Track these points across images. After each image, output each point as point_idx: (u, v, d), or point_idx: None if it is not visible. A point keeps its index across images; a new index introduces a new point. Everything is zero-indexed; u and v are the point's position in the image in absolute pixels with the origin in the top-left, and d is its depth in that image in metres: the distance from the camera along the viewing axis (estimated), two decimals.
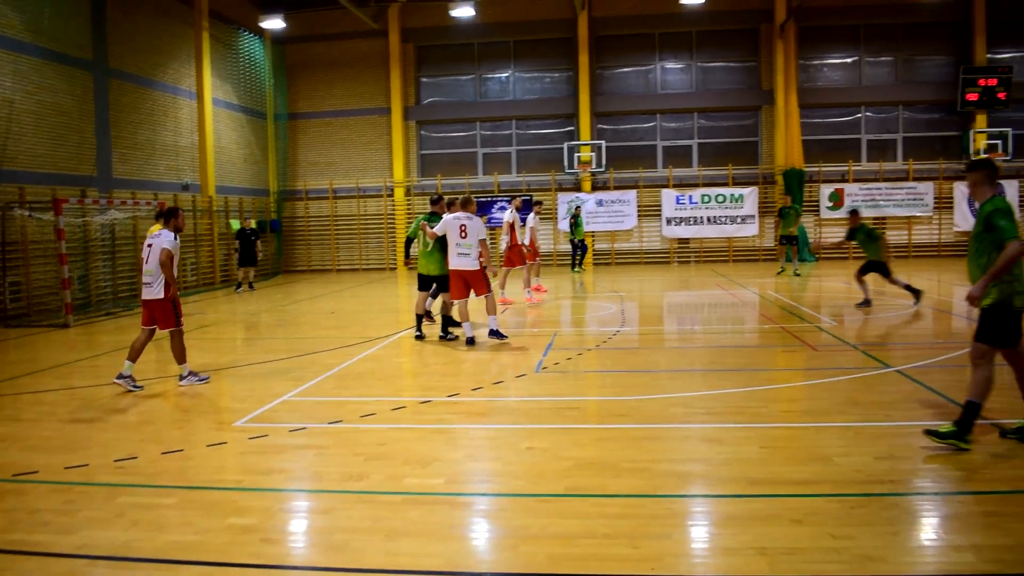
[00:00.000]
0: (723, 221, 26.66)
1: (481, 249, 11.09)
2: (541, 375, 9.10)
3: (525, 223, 17.11)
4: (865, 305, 13.57)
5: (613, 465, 5.74)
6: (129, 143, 19.99)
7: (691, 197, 26.65)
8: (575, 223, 24.32)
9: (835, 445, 6.02)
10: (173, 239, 8.89)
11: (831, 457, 5.72)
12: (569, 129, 27.69)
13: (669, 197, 26.73)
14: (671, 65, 27.53)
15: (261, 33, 27.21)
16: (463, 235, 11.02)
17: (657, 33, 27.22)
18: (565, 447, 6.21)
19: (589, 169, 26.48)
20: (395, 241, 28.13)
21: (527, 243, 16.71)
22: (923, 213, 26.17)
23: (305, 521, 5.03)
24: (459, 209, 11.32)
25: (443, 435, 6.76)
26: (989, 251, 5.74)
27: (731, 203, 26.55)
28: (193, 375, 9.09)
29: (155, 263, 8.84)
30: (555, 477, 5.52)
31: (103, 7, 19.04)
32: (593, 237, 26.93)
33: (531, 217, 17.57)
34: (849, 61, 26.89)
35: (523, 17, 27.28)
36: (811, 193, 26.29)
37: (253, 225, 22.02)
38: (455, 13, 24.84)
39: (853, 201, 25.99)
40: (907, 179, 26.22)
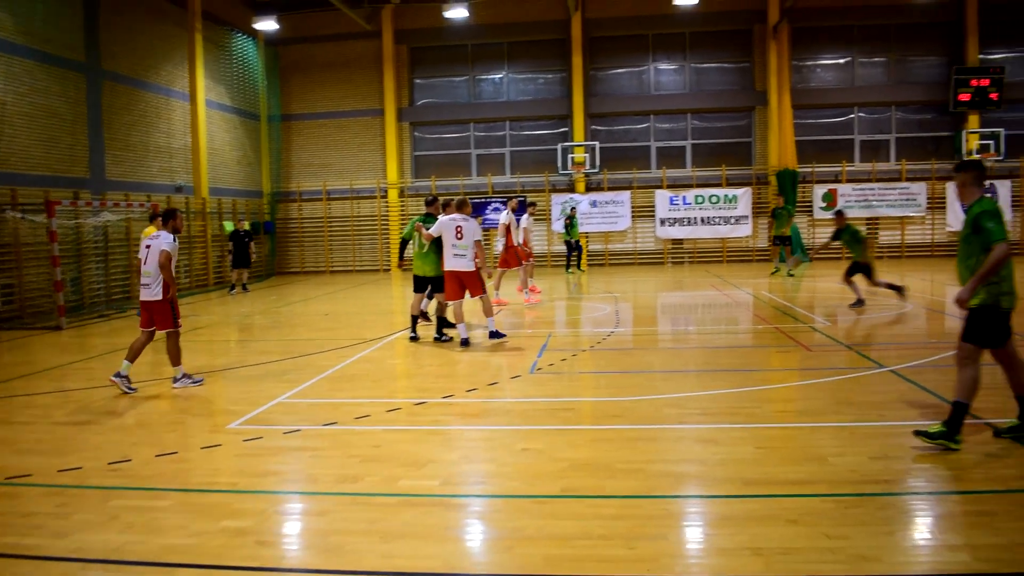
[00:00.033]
0: (717, 222, 26.70)
1: (476, 250, 11.10)
2: (536, 376, 9.10)
3: (519, 224, 17.08)
4: (858, 305, 13.60)
5: (608, 466, 5.74)
6: (122, 145, 19.94)
7: (685, 198, 26.69)
8: (570, 224, 24.32)
9: (830, 445, 6.04)
10: (172, 240, 8.90)
11: (826, 457, 5.74)
12: (563, 130, 27.70)
13: (663, 198, 26.77)
14: (664, 66, 27.56)
15: (254, 34, 27.15)
16: (459, 236, 11.02)
17: (650, 34, 27.25)
18: (560, 448, 6.21)
19: (583, 170, 26.49)
20: (389, 242, 28.10)
21: (522, 244, 16.69)
22: (916, 213, 26.25)
23: (300, 523, 5.02)
24: (454, 211, 11.33)
25: (438, 437, 6.76)
26: (977, 253, 5.76)
27: (725, 204, 26.59)
28: (187, 377, 9.06)
29: (154, 264, 8.83)
30: (550, 478, 5.52)
31: (96, 9, 18.98)
32: (587, 238, 26.95)
33: (525, 218, 17.55)
34: (842, 62, 26.96)
35: (517, 18, 27.28)
36: (804, 194, 26.35)
37: (247, 227, 21.96)
38: (448, 14, 24.84)
39: (846, 201, 26.06)
40: (900, 179, 26.30)
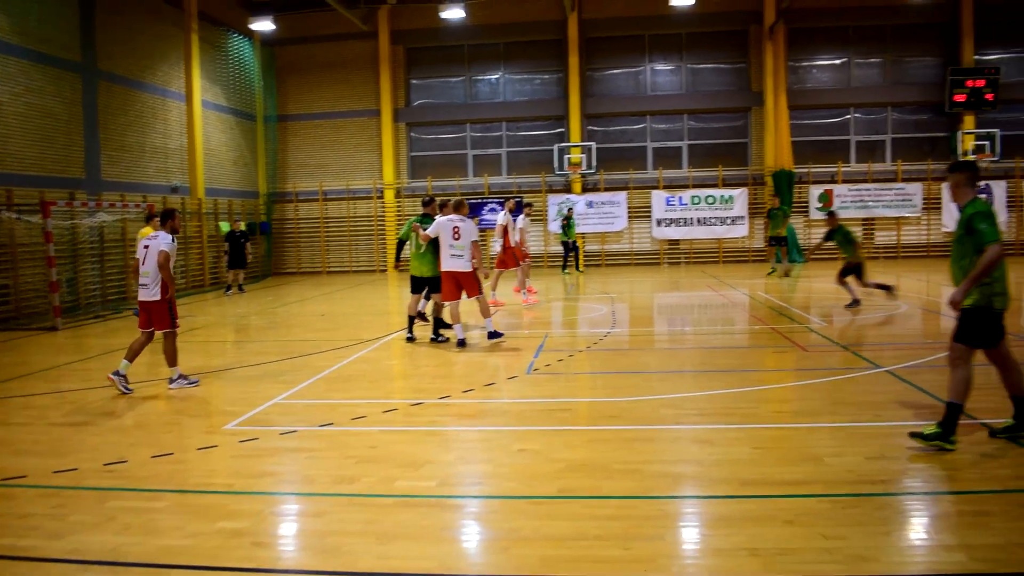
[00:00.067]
0: (713, 222, 26.73)
1: (473, 251, 11.11)
2: (532, 377, 9.10)
3: (516, 225, 17.06)
4: (854, 305, 13.63)
5: (605, 467, 5.74)
6: (118, 145, 19.90)
7: (681, 198, 26.71)
8: (568, 224, 24.32)
9: (826, 445, 6.04)
10: (171, 241, 8.91)
11: (822, 457, 5.74)
12: (559, 131, 27.70)
13: (659, 198, 26.79)
14: (661, 67, 27.57)
15: (251, 35, 27.12)
16: (456, 237, 11.03)
17: (647, 35, 27.27)
18: (557, 449, 6.21)
19: (579, 171, 26.49)
20: (385, 243, 28.09)
21: (518, 244, 16.68)
22: (912, 214, 26.30)
23: (297, 524, 5.01)
24: (452, 211, 11.33)
25: (435, 437, 6.75)
26: (971, 254, 5.77)
27: (721, 204, 26.62)
28: (183, 378, 9.05)
29: (153, 265, 8.83)
30: (547, 479, 5.52)
31: (92, 9, 18.95)
32: (583, 239, 26.95)
33: (520, 219, 17.53)
34: (838, 63, 27.00)
35: (513, 19, 27.27)
36: (800, 194, 26.38)
37: (243, 227, 21.94)
38: (445, 15, 24.84)
39: (842, 202, 26.11)
40: (896, 180, 26.35)
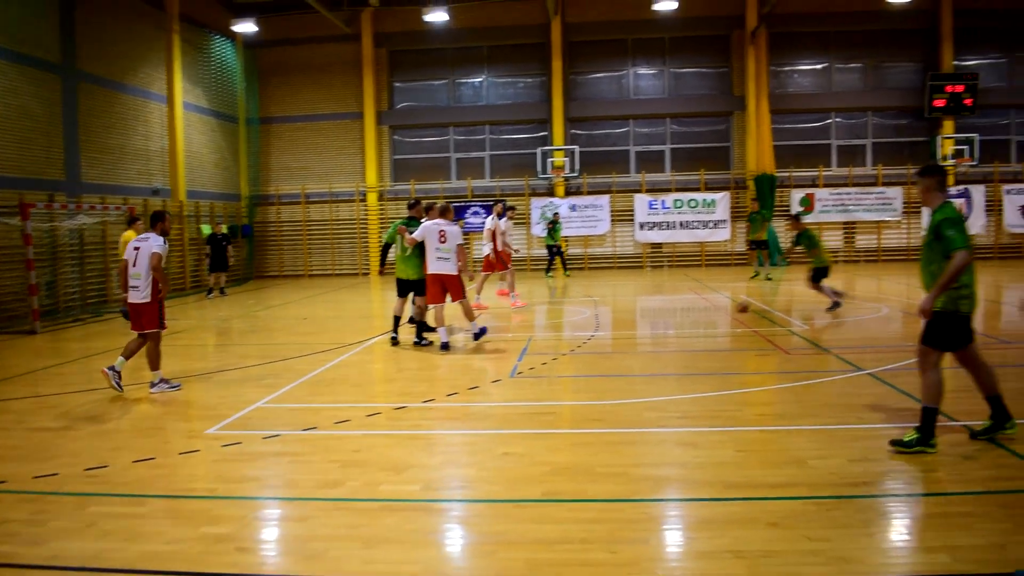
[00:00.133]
0: (695, 226, 26.83)
1: (459, 254, 11.13)
2: (516, 380, 9.10)
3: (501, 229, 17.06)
4: (834, 308, 13.71)
5: (589, 470, 5.74)
6: (98, 147, 19.73)
7: (664, 202, 26.80)
8: (553, 228, 24.35)
9: (809, 448, 6.08)
10: (162, 243, 8.95)
11: (806, 460, 5.77)
12: (542, 134, 27.74)
13: (642, 202, 26.87)
14: (644, 71, 27.68)
15: (233, 37, 26.98)
16: (442, 240, 11.07)
17: (630, 39, 27.36)
18: (541, 452, 6.21)
19: (562, 174, 26.50)
20: (368, 246, 28.01)
21: (501, 248, 16.68)
22: (892, 218, 26.52)
23: (280, 529, 4.98)
24: (437, 216, 11.36)
25: (419, 441, 6.73)
26: (939, 259, 5.82)
27: (703, 208, 26.73)
28: (164, 382, 8.99)
29: (144, 266, 8.82)
30: (532, 482, 5.51)
31: (72, 10, 18.78)
32: (567, 242, 26.97)
33: (503, 222, 17.52)
34: (819, 68, 27.20)
35: (496, 22, 27.29)
36: (782, 198, 26.53)
37: (224, 230, 21.83)
38: (428, 18, 24.81)
39: (823, 206, 26.33)
40: (876, 184, 26.57)
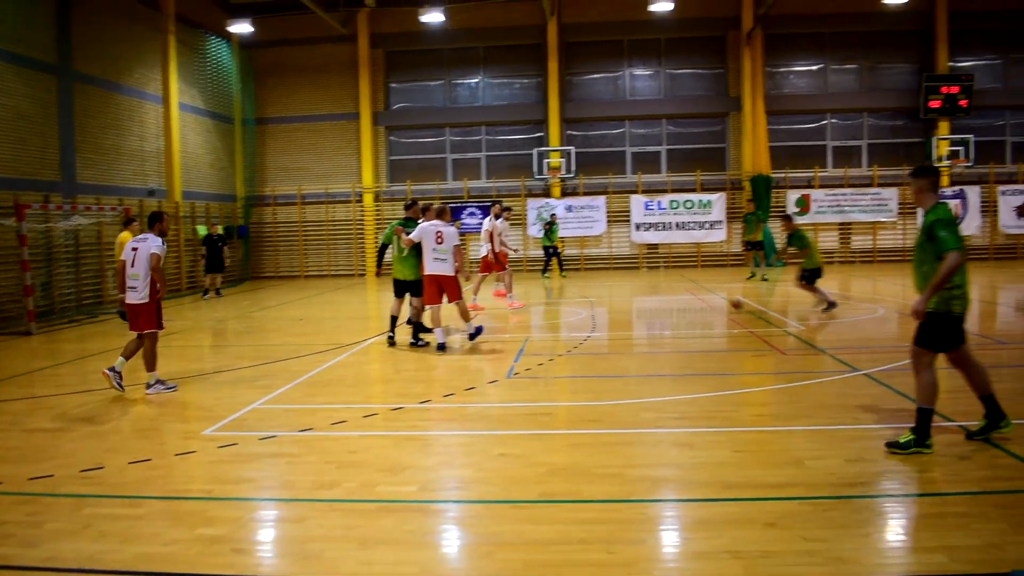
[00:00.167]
0: (691, 227, 26.85)
1: (456, 255, 11.13)
2: (513, 381, 9.09)
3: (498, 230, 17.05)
4: (831, 308, 13.72)
5: (587, 470, 5.74)
6: (94, 148, 19.69)
7: (660, 203, 26.82)
8: (550, 229, 24.36)
9: (806, 448, 6.08)
10: (161, 243, 8.98)
11: (802, 460, 5.77)
12: (538, 135, 27.74)
13: (638, 203, 26.89)
14: (640, 72, 27.70)
15: (228, 37, 26.94)
16: (439, 241, 11.08)
17: (626, 40, 27.38)
18: (538, 453, 6.20)
19: (558, 175, 26.52)
20: (364, 247, 27.99)
21: (499, 249, 16.66)
22: (888, 219, 26.58)
23: (277, 530, 4.97)
24: (434, 217, 11.36)
25: (415, 442, 6.73)
26: (931, 260, 5.82)
27: (699, 209, 26.75)
28: (160, 383, 8.97)
29: (143, 267, 8.83)
30: (529, 483, 5.50)
31: (68, 10, 18.74)
32: (563, 243, 26.96)
33: (499, 222, 17.50)
34: (815, 69, 27.25)
35: (493, 23, 27.29)
36: (778, 199, 26.56)
37: (220, 231, 21.79)
38: (425, 19, 24.82)
39: (819, 207, 26.38)
40: (872, 185, 26.63)
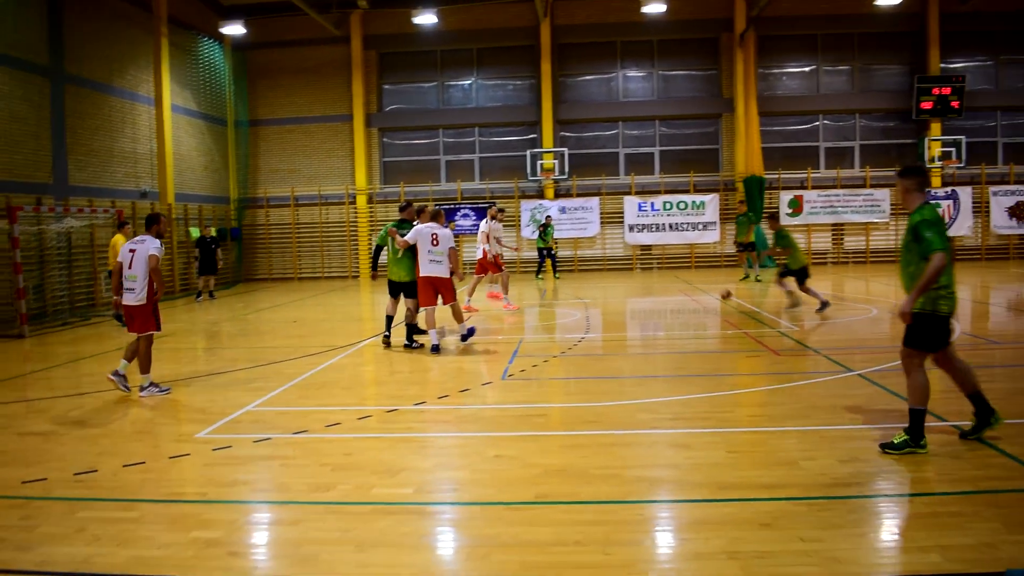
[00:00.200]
0: (685, 228, 26.89)
1: (451, 257, 11.15)
2: (507, 382, 9.09)
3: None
4: (824, 308, 13.75)
5: (582, 472, 5.74)
6: (86, 150, 19.63)
7: (653, 204, 26.86)
8: (545, 230, 24.36)
9: (800, 449, 6.09)
10: (159, 245, 8.99)
11: (797, 461, 5.78)
12: (532, 136, 27.75)
13: (631, 204, 26.92)
14: (633, 73, 27.73)
15: (221, 39, 26.89)
16: (435, 243, 11.08)
17: (619, 41, 27.42)
18: (534, 454, 6.20)
19: (552, 176, 26.52)
20: (357, 249, 27.95)
21: (495, 251, 16.64)
22: (880, 219, 26.66)
23: (272, 533, 4.95)
24: (429, 220, 11.37)
25: (410, 444, 6.72)
26: (917, 261, 5.82)
27: (693, 210, 26.79)
28: (154, 386, 8.94)
29: (141, 269, 8.83)
30: (525, 485, 5.50)
31: (59, 12, 18.67)
32: (557, 244, 26.96)
33: (495, 225, 17.48)
34: (807, 70, 27.32)
35: (486, 25, 27.29)
36: (771, 200, 26.62)
37: (213, 233, 21.75)
38: (418, 20, 24.83)
39: (812, 208, 26.45)
40: (864, 186, 26.70)
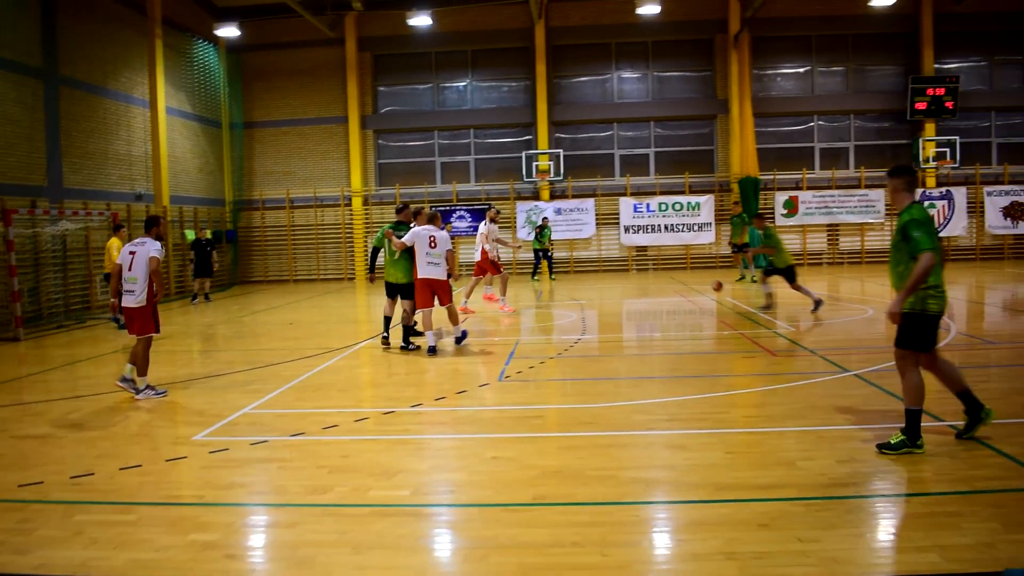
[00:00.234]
0: (680, 229, 26.92)
1: (448, 259, 11.17)
2: (504, 384, 9.08)
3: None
4: (818, 307, 13.76)
5: (579, 473, 5.74)
6: (81, 152, 19.58)
7: (648, 205, 26.88)
8: (541, 232, 24.35)
9: (797, 449, 6.10)
10: (159, 247, 8.99)
11: (794, 461, 5.79)
12: (527, 138, 27.76)
13: (627, 205, 26.95)
14: (628, 74, 27.76)
15: (216, 41, 26.86)
16: (432, 245, 11.11)
17: (613, 43, 27.45)
18: (531, 456, 6.20)
19: (547, 178, 26.55)
20: (353, 251, 27.94)
21: (494, 253, 16.59)
22: (875, 220, 26.72)
23: (269, 536, 4.94)
24: (425, 222, 11.39)
25: (408, 446, 6.72)
26: (906, 260, 5.83)
27: (688, 211, 26.82)
28: (151, 389, 8.93)
29: (142, 271, 8.83)
30: (522, 486, 5.50)
31: (53, 14, 18.64)
32: (552, 246, 26.95)
33: (491, 226, 17.46)
34: (801, 71, 27.38)
35: (480, 26, 27.30)
36: (766, 201, 26.67)
37: (208, 235, 21.71)
38: (412, 22, 24.83)
39: (807, 208, 26.49)
40: (859, 187, 26.76)
